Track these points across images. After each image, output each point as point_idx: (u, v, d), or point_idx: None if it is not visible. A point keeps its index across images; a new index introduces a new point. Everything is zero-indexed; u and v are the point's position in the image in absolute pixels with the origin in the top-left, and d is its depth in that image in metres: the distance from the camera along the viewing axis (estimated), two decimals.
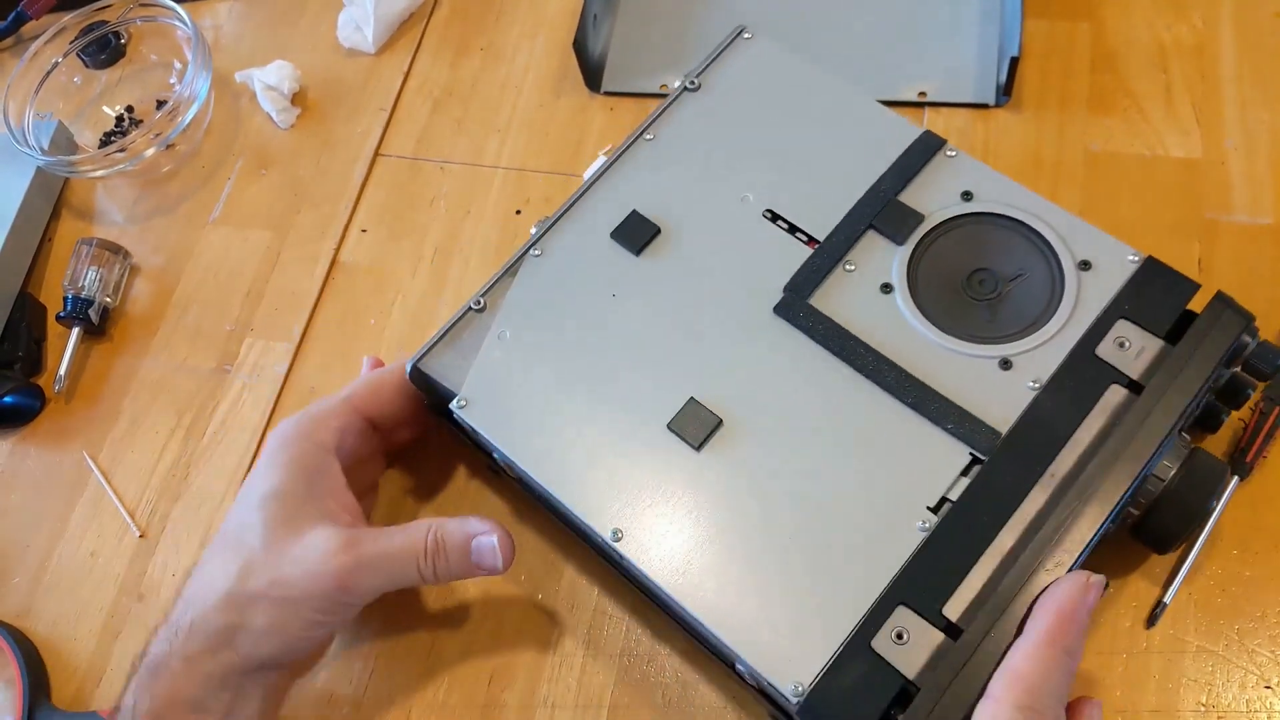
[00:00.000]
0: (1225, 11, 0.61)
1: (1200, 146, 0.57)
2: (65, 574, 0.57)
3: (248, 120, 0.71)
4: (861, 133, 0.48)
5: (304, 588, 0.42)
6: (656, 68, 0.66)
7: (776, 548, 0.40)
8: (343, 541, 0.42)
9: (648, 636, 0.49)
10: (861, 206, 0.45)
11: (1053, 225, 0.44)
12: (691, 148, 0.49)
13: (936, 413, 0.41)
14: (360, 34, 0.70)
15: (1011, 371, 0.41)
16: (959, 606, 0.37)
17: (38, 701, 0.52)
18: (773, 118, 0.50)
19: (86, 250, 0.64)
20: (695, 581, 0.40)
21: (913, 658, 0.37)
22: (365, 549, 0.42)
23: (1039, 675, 0.34)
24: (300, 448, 0.45)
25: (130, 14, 0.73)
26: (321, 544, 0.42)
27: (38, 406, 0.62)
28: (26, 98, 0.71)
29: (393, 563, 0.43)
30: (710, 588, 0.40)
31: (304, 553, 0.42)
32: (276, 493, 0.44)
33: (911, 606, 0.38)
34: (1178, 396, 0.39)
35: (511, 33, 0.70)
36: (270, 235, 0.66)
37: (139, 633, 0.54)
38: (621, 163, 0.49)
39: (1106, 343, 0.41)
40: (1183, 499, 0.40)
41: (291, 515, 0.43)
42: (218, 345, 0.62)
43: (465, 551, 0.44)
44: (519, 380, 0.45)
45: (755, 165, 0.48)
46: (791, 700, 0.37)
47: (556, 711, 0.48)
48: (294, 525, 0.43)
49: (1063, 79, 0.61)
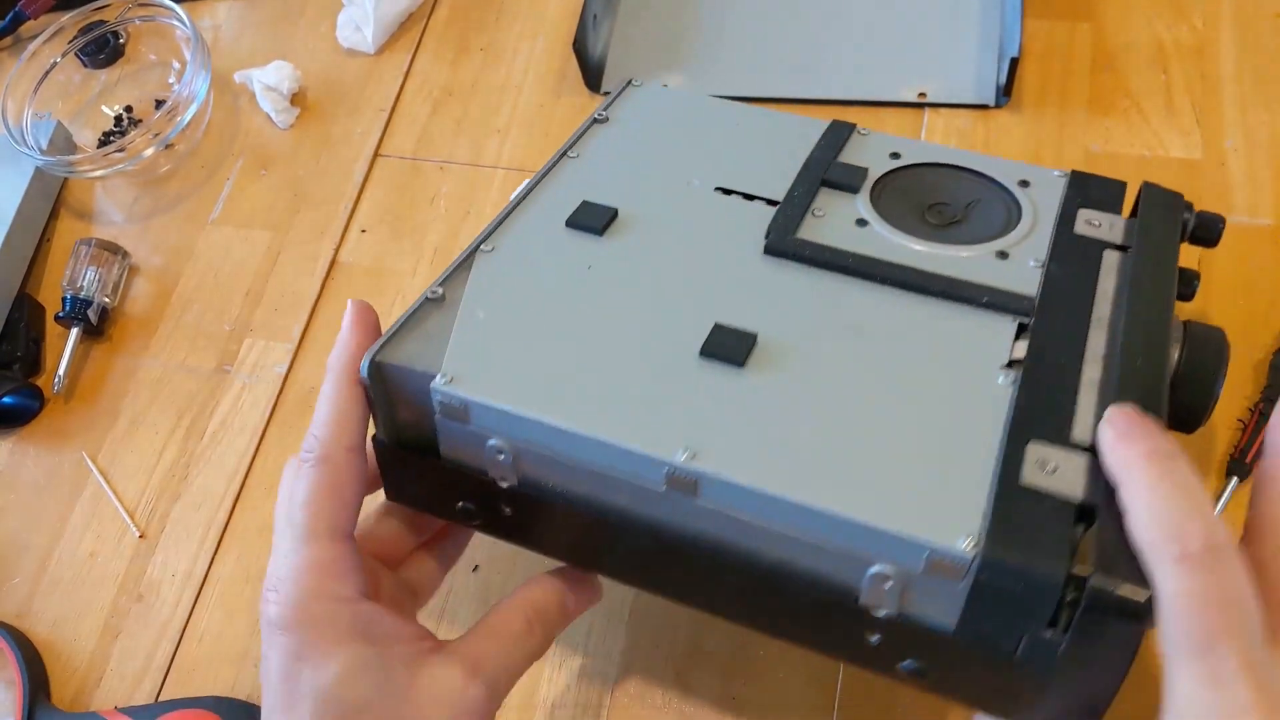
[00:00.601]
0: (1225, 12, 0.61)
1: (1200, 147, 0.57)
2: (65, 574, 0.57)
3: (247, 120, 0.71)
4: (776, 130, 0.49)
5: None
6: (656, 68, 0.66)
7: (870, 430, 0.35)
8: (464, 668, 0.36)
9: (648, 636, 0.49)
10: (805, 173, 0.46)
11: (982, 163, 0.46)
12: (621, 155, 0.48)
13: (967, 294, 0.40)
14: (360, 34, 0.70)
15: (1010, 260, 0.41)
16: (1086, 430, 0.34)
17: (37, 701, 0.52)
18: (692, 128, 0.50)
19: (85, 250, 0.64)
20: (798, 478, 0.33)
21: (1071, 482, 0.32)
22: (490, 664, 0.36)
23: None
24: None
25: (129, 14, 0.73)
26: (444, 680, 0.35)
27: (36, 407, 0.62)
28: (25, 97, 0.71)
29: (517, 673, 0.38)
30: (817, 479, 0.34)
31: (432, 703, 0.35)
32: (353, 665, 0.34)
33: (1042, 439, 0.34)
34: (1168, 236, 0.41)
35: (511, 33, 0.70)
36: (270, 235, 0.66)
37: (139, 633, 0.54)
38: (551, 176, 0.47)
39: (1079, 224, 0.43)
40: (1195, 370, 0.40)
41: (383, 681, 0.35)
42: (217, 345, 0.62)
43: (568, 617, 0.40)
44: (513, 343, 0.39)
45: (690, 159, 0.48)
46: (967, 557, 0.31)
47: (556, 711, 0.48)
48: (393, 689, 0.35)
49: (1063, 79, 0.61)
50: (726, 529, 0.35)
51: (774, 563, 0.35)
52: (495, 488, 0.38)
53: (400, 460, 0.39)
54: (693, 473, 0.34)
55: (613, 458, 0.35)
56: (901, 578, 0.32)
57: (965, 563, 0.31)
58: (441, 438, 0.38)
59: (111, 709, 0.51)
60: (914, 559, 0.32)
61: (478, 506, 0.39)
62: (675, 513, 0.36)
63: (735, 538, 0.35)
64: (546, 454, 0.36)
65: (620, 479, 0.35)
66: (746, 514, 0.34)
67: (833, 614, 0.34)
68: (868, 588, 0.33)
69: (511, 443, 0.37)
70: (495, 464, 0.37)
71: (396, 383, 0.38)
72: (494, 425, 0.37)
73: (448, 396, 0.37)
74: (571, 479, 0.37)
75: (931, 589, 0.32)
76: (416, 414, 0.38)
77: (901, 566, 0.32)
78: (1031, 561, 0.30)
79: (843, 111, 0.62)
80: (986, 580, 0.31)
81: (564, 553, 0.40)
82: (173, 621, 0.54)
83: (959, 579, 0.31)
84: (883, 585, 0.32)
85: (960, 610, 0.32)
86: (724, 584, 0.36)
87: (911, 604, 0.33)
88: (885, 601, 0.33)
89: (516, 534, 0.39)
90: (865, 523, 0.32)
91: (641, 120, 0.50)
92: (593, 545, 0.39)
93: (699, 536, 0.36)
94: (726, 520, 0.34)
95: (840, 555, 0.33)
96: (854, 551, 0.32)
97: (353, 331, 0.38)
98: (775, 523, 0.34)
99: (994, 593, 0.31)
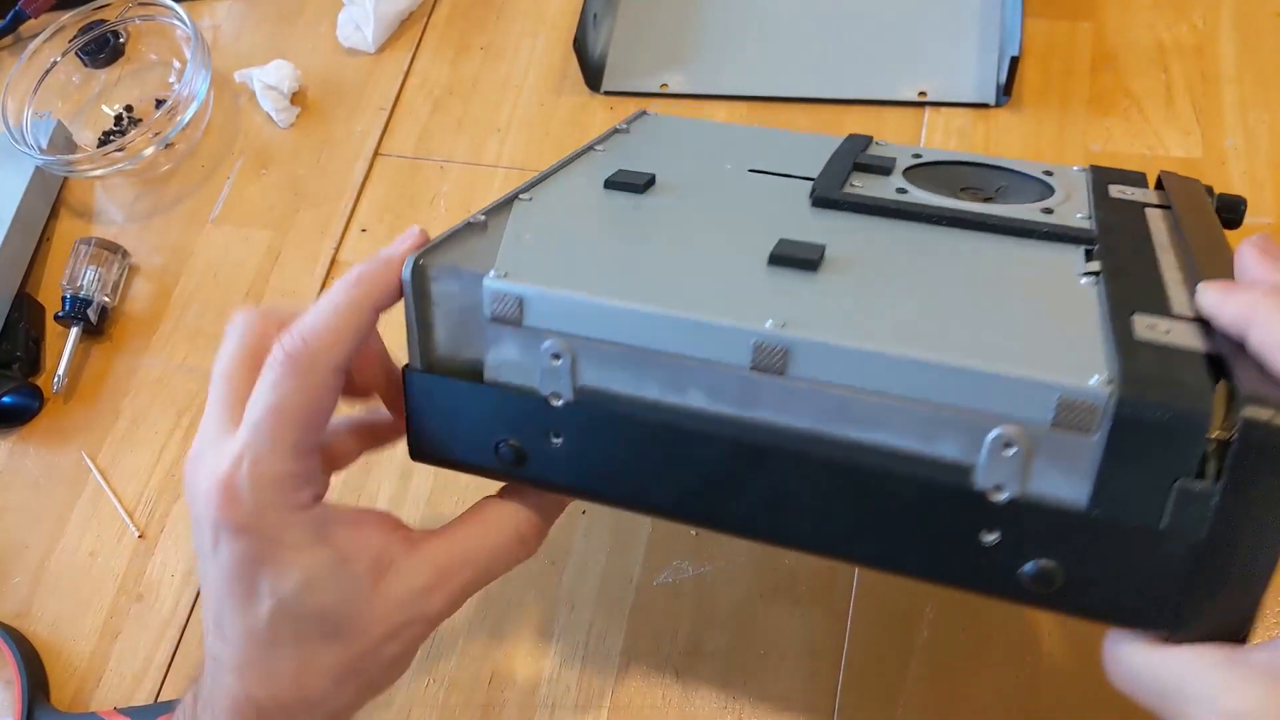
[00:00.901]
0: (1225, 11, 0.61)
1: (1200, 146, 0.57)
2: (64, 574, 0.57)
3: (247, 119, 0.71)
4: (797, 141, 0.49)
5: (391, 665, 0.35)
6: (657, 67, 0.66)
7: (968, 309, 0.32)
8: (430, 579, 0.35)
9: (648, 636, 0.49)
10: (836, 160, 0.44)
11: (1002, 161, 0.45)
12: (651, 149, 0.47)
13: (1027, 228, 0.37)
14: (360, 33, 0.70)
15: (1056, 215, 0.39)
16: (1185, 307, 0.31)
17: (36, 702, 0.52)
18: (715, 139, 0.49)
19: (85, 250, 0.64)
20: (903, 337, 0.30)
21: (1190, 338, 0.29)
22: (457, 578, 0.35)
23: None
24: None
25: (129, 13, 0.73)
26: (407, 586, 0.34)
27: (36, 406, 0.62)
28: (25, 97, 0.71)
29: (487, 577, 0.36)
30: (924, 338, 0.30)
31: (396, 607, 0.34)
32: (317, 574, 0.33)
33: (1147, 311, 0.31)
34: (1201, 194, 0.41)
35: (512, 32, 0.70)
36: (270, 234, 0.66)
37: (138, 633, 0.54)
38: (578, 161, 0.45)
39: (1113, 192, 0.41)
40: None
41: (348, 589, 0.34)
42: (217, 345, 0.62)
43: (559, 505, 0.37)
44: (568, 251, 0.36)
45: (719, 153, 0.47)
46: (1102, 395, 0.27)
47: (556, 711, 0.48)
48: (358, 593, 0.34)
49: (1063, 79, 0.61)
50: (817, 417, 0.31)
51: (871, 455, 0.30)
52: (546, 410, 0.33)
53: (436, 389, 0.35)
54: (784, 341, 0.30)
55: (691, 337, 0.31)
56: (1026, 441, 0.28)
57: (1101, 403, 0.27)
58: (487, 350, 0.34)
59: (111, 709, 0.51)
60: (1042, 409, 0.28)
61: (523, 440, 0.34)
62: (758, 405, 0.31)
63: (826, 427, 0.31)
64: (612, 349, 0.32)
65: (697, 368, 0.31)
66: (845, 385, 0.30)
67: (942, 511, 0.30)
68: (986, 462, 0.29)
69: (571, 342, 0.33)
70: (550, 374, 0.33)
71: (441, 287, 0.34)
72: (553, 320, 0.33)
73: (501, 292, 0.33)
74: (638, 378, 0.32)
75: (1060, 451, 0.28)
76: (459, 328, 0.34)
77: (1026, 424, 0.28)
78: (1173, 396, 0.27)
79: (843, 111, 0.62)
80: (1125, 419, 0.27)
81: (618, 487, 0.34)
82: (172, 622, 0.54)
83: (1092, 431, 0.28)
84: (1004, 454, 0.29)
85: (1094, 474, 0.28)
86: (810, 496, 0.31)
87: (1036, 479, 0.29)
88: (1006, 477, 0.29)
89: (564, 472, 0.34)
90: (986, 370, 0.28)
91: (664, 132, 0.49)
92: (654, 470, 0.33)
93: (783, 435, 0.31)
94: (818, 405, 0.30)
95: (953, 424, 0.29)
96: (971, 412, 0.29)
97: (397, 251, 0.35)
98: (878, 392, 0.30)
99: (1134, 439, 0.27)
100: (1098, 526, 0.28)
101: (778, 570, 0.49)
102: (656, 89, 0.65)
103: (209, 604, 0.34)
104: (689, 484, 0.33)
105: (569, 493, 0.36)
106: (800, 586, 0.49)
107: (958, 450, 0.29)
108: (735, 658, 0.48)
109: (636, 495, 0.34)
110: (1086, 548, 0.29)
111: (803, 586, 0.49)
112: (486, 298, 0.33)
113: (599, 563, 0.50)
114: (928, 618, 0.47)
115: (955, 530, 0.30)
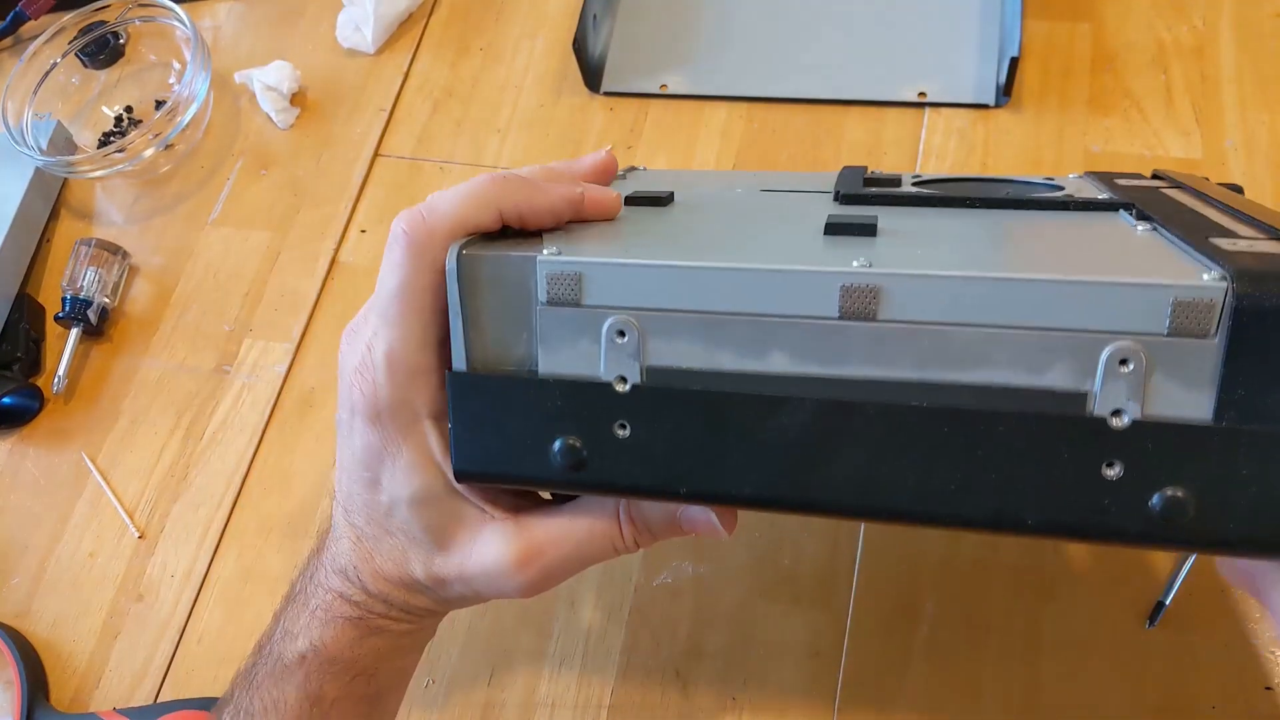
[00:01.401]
0: (1225, 12, 0.61)
1: (1200, 147, 0.57)
2: (64, 575, 0.57)
3: (247, 120, 0.71)
4: (796, 176, 0.48)
5: (487, 597, 0.37)
6: (656, 68, 0.66)
7: (1046, 248, 0.31)
8: (522, 552, 0.35)
9: (648, 636, 0.49)
10: (846, 176, 0.43)
11: (1003, 178, 0.45)
12: (656, 182, 0.45)
13: (1063, 203, 0.36)
14: (359, 34, 0.70)
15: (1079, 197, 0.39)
16: (1251, 233, 0.30)
17: (36, 702, 0.52)
18: (712, 176, 0.49)
19: (85, 250, 0.64)
20: (998, 262, 0.29)
21: (1276, 247, 0.28)
22: (549, 557, 0.35)
23: None
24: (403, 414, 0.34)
25: (129, 14, 0.73)
26: (496, 553, 0.35)
27: (36, 407, 0.62)
28: (25, 98, 0.71)
29: (580, 562, 0.36)
30: (1020, 261, 0.29)
31: (478, 570, 0.35)
32: (425, 497, 0.35)
33: (1220, 236, 0.30)
34: (1206, 180, 0.41)
35: (511, 33, 0.70)
36: (270, 235, 0.66)
37: (138, 633, 0.54)
38: None
39: (1121, 181, 0.41)
40: None
41: (447, 518, 0.35)
42: (217, 345, 0.62)
43: (670, 525, 0.35)
44: (618, 231, 0.34)
45: (726, 182, 0.46)
46: (1219, 288, 0.26)
47: (556, 711, 0.48)
48: (455, 530, 0.35)
49: (1063, 79, 0.61)
50: (913, 362, 0.29)
51: (977, 396, 0.28)
52: (610, 397, 0.31)
53: (485, 390, 0.32)
54: (875, 279, 0.28)
55: (772, 291, 0.29)
56: (1142, 355, 0.27)
57: (1218, 297, 0.26)
58: (542, 341, 0.32)
59: (110, 710, 0.51)
60: (1156, 316, 0.26)
61: (584, 436, 0.32)
62: (848, 358, 0.29)
63: (924, 373, 0.29)
64: (683, 319, 0.30)
65: (778, 326, 0.29)
66: (942, 321, 0.28)
67: (1059, 447, 0.28)
68: (1102, 385, 0.27)
69: (639, 315, 0.30)
70: (614, 355, 0.31)
71: (490, 274, 0.32)
72: (617, 294, 0.30)
73: (559, 270, 0.30)
74: (713, 348, 0.30)
75: (1179, 361, 0.27)
76: (510, 320, 0.32)
77: (1141, 336, 0.27)
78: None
79: (843, 111, 0.62)
80: (1245, 312, 0.26)
81: (693, 476, 0.31)
82: (172, 622, 0.54)
83: (1210, 333, 0.26)
84: (1120, 372, 0.27)
85: (1217, 382, 0.27)
86: (911, 455, 0.29)
87: (1155, 398, 0.27)
88: (1125, 399, 0.27)
89: (631, 468, 0.32)
90: (1094, 280, 0.27)
91: (663, 177, 0.48)
92: (735, 451, 0.31)
93: (878, 388, 0.29)
94: (913, 348, 0.28)
95: (1062, 348, 0.27)
96: (1080, 333, 0.27)
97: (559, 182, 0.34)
98: (979, 323, 0.28)
99: (1255, 334, 0.26)
100: (1225, 438, 0.27)
101: (778, 570, 0.49)
102: (656, 90, 0.65)
103: (340, 476, 0.36)
104: (775, 461, 0.30)
105: (636, 494, 0.33)
106: (800, 586, 0.49)
107: (1070, 378, 0.27)
108: (735, 657, 0.47)
109: (714, 483, 0.31)
110: (1216, 466, 0.27)
111: (803, 586, 0.49)
112: (542, 278, 0.31)
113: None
114: (928, 616, 0.47)
115: (1075, 468, 0.28)
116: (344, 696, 0.36)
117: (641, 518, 0.35)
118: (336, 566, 0.36)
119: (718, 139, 0.63)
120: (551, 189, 0.34)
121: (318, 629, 0.36)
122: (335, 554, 0.37)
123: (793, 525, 0.50)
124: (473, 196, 0.33)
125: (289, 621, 0.37)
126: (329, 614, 0.36)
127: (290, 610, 0.37)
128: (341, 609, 0.36)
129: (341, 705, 0.36)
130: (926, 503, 0.29)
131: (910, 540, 0.49)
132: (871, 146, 0.60)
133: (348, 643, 0.36)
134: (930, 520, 0.29)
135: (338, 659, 0.36)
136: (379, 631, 0.37)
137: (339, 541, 0.37)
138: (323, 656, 0.36)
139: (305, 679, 0.36)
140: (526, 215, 0.33)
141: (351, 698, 0.37)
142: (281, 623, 0.37)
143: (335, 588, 0.36)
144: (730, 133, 0.63)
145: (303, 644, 0.36)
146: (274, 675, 0.36)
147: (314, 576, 0.37)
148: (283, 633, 0.37)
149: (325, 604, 0.36)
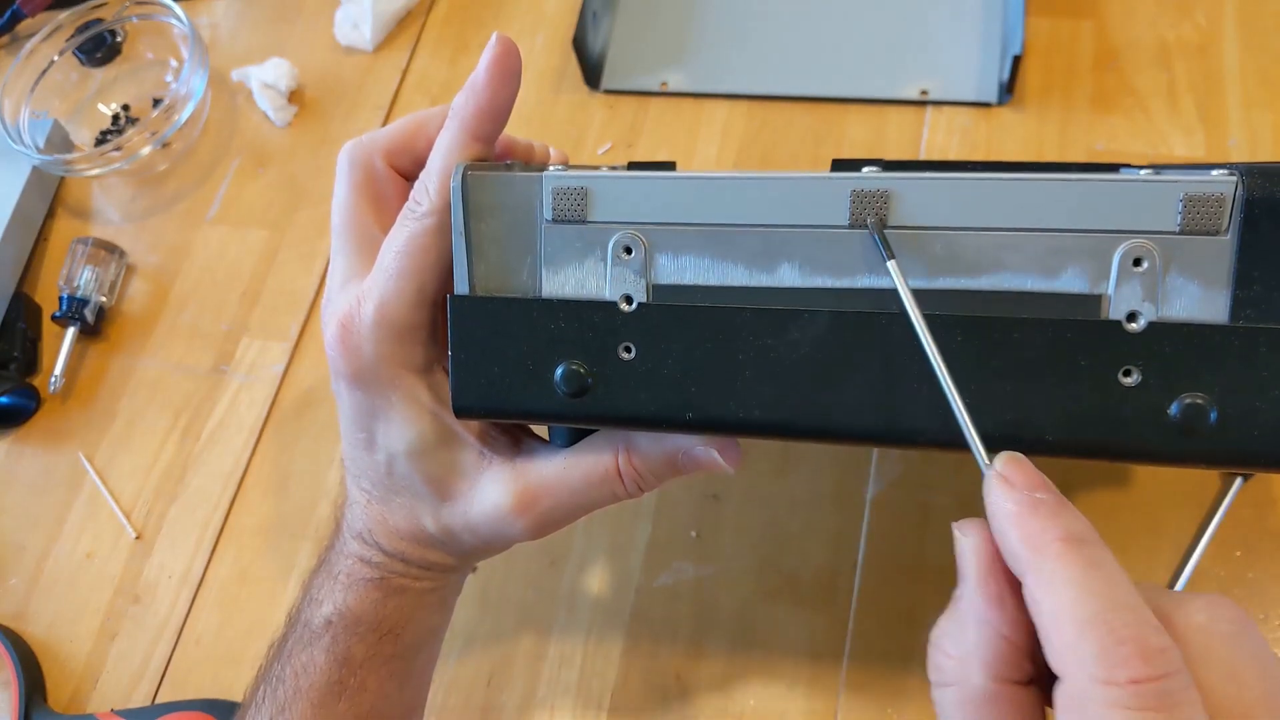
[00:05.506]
0: (1229, 10, 0.61)
1: (1204, 146, 0.57)
2: (61, 575, 0.56)
3: (244, 118, 0.71)
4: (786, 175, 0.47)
5: (497, 545, 0.38)
6: (656, 65, 0.65)
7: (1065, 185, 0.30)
8: (520, 496, 0.35)
9: (648, 636, 0.49)
10: (841, 163, 0.42)
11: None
12: None
13: (1072, 166, 0.37)
14: (358, 31, 0.70)
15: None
16: None
17: (34, 704, 0.51)
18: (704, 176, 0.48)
19: (82, 249, 0.64)
20: (1010, 171, 0.29)
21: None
22: (549, 500, 0.35)
23: None
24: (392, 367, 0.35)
25: (126, 12, 0.73)
26: (495, 499, 0.35)
27: (33, 407, 0.62)
28: (22, 96, 0.70)
29: (580, 505, 0.36)
30: (1031, 170, 0.29)
31: (481, 518, 0.36)
32: (420, 448, 0.35)
33: None
34: None
35: (510, 30, 0.70)
36: (267, 234, 0.65)
37: (135, 634, 0.54)
38: None
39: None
40: None
41: (445, 469, 0.36)
42: (214, 345, 0.62)
43: (671, 464, 0.35)
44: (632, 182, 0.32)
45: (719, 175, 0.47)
46: (1229, 181, 0.26)
47: (556, 712, 0.48)
48: (454, 480, 0.36)
49: (1066, 77, 0.60)
50: (925, 270, 0.28)
51: (990, 302, 0.28)
52: (616, 316, 0.30)
53: (486, 313, 0.31)
54: (885, 184, 0.28)
55: (782, 200, 0.29)
56: (1156, 254, 0.27)
57: (1229, 191, 0.26)
58: (547, 261, 0.31)
59: (108, 711, 0.51)
60: (1168, 213, 0.26)
61: (588, 359, 0.31)
62: (859, 269, 0.28)
63: (936, 281, 0.28)
64: (690, 233, 0.29)
65: (788, 237, 0.29)
66: (953, 225, 0.28)
67: (1075, 353, 0.27)
68: (1116, 286, 0.27)
69: (645, 230, 0.30)
70: (620, 274, 0.30)
71: (494, 195, 0.31)
72: (624, 209, 0.30)
73: (565, 185, 0.30)
74: (721, 263, 0.29)
75: (1193, 260, 0.27)
76: (513, 242, 0.31)
77: (1153, 235, 0.27)
78: None
79: (844, 110, 0.62)
80: (1256, 204, 0.26)
81: (701, 400, 0.30)
82: (169, 623, 0.54)
83: (1223, 230, 0.26)
84: (1135, 272, 0.27)
85: (1231, 279, 0.26)
86: (924, 364, 0.27)
87: (1171, 298, 0.27)
88: (1140, 300, 0.27)
89: (636, 394, 0.31)
90: (1105, 180, 0.27)
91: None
92: (746, 370, 0.29)
93: (890, 298, 0.28)
94: (925, 255, 0.28)
95: (1076, 250, 0.27)
96: (1094, 233, 0.27)
97: (488, 78, 0.33)
98: (991, 227, 0.27)
99: (1267, 228, 0.26)
100: (1243, 338, 0.26)
101: (779, 572, 0.49)
102: (656, 88, 0.65)
103: (343, 443, 0.37)
104: (787, 380, 0.29)
105: (640, 424, 0.32)
106: (801, 588, 0.48)
107: (1084, 280, 0.27)
108: (736, 660, 0.47)
109: (723, 408, 0.30)
110: (1235, 368, 0.26)
111: (804, 588, 0.48)
112: (548, 193, 0.30)
113: (599, 563, 0.50)
114: (929, 619, 0.47)
115: (1093, 376, 0.27)
116: (373, 656, 0.37)
117: (641, 456, 0.34)
118: (354, 532, 0.38)
119: (718, 137, 0.62)
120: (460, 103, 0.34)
121: (341, 593, 0.37)
122: (351, 520, 0.38)
123: (794, 526, 0.50)
124: (403, 121, 0.37)
125: (316, 590, 0.38)
126: (351, 578, 0.37)
127: (317, 579, 0.39)
128: (363, 571, 0.37)
129: (371, 664, 0.37)
130: (945, 420, 0.27)
131: (911, 542, 0.49)
132: (873, 145, 0.60)
133: (371, 604, 0.37)
134: (949, 442, 0.28)
135: (362, 619, 0.37)
136: (401, 591, 0.37)
137: (353, 508, 0.38)
138: (348, 619, 0.37)
139: (333, 641, 0.37)
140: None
141: (380, 656, 0.38)
142: (309, 591, 0.39)
143: (355, 552, 0.38)
144: (731, 131, 0.62)
145: (329, 609, 0.37)
146: (303, 641, 0.38)
147: (335, 545, 0.39)
148: (310, 600, 0.38)
149: (348, 569, 0.38)
